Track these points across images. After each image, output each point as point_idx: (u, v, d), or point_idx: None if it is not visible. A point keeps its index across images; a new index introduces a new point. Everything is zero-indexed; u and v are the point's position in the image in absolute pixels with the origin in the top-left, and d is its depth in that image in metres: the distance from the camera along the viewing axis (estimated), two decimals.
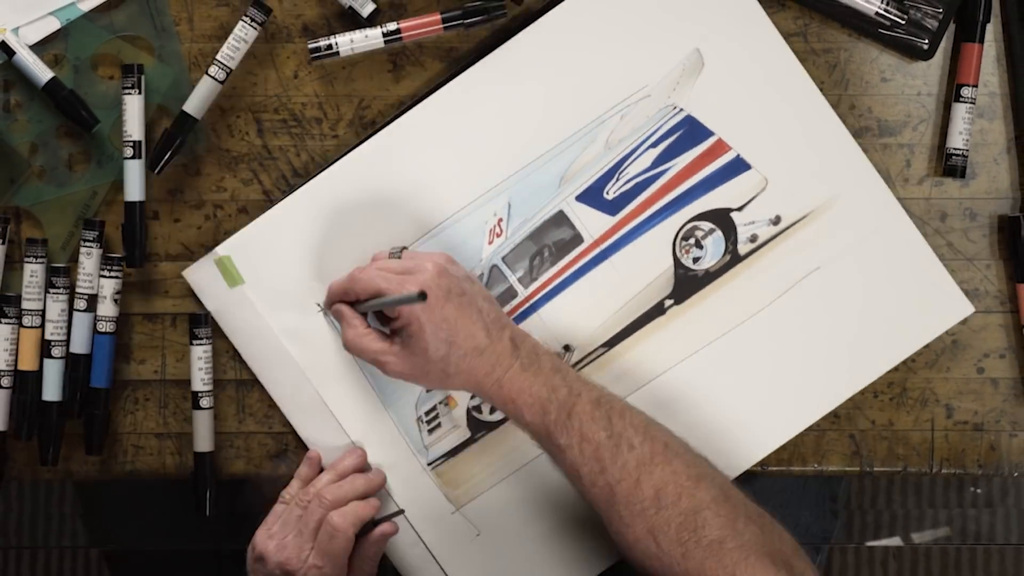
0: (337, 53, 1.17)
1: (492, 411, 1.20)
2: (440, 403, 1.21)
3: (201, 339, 1.20)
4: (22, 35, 1.17)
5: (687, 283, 1.20)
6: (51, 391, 1.19)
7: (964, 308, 1.21)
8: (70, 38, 1.18)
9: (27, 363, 1.19)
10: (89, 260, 1.18)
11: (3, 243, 1.18)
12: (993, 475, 1.22)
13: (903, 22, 1.19)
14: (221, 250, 1.19)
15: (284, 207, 1.19)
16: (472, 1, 1.18)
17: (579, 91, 1.19)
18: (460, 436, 1.21)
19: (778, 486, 1.31)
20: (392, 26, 1.17)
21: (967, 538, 1.28)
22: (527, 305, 1.20)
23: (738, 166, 1.20)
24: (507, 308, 1.20)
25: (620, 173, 1.20)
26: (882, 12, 1.19)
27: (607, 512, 1.09)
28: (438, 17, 1.17)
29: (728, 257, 1.20)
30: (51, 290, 1.18)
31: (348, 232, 1.19)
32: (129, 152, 1.18)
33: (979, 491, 1.27)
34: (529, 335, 1.14)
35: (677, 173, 1.20)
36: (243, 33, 1.15)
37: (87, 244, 1.18)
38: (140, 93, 1.17)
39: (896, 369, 1.21)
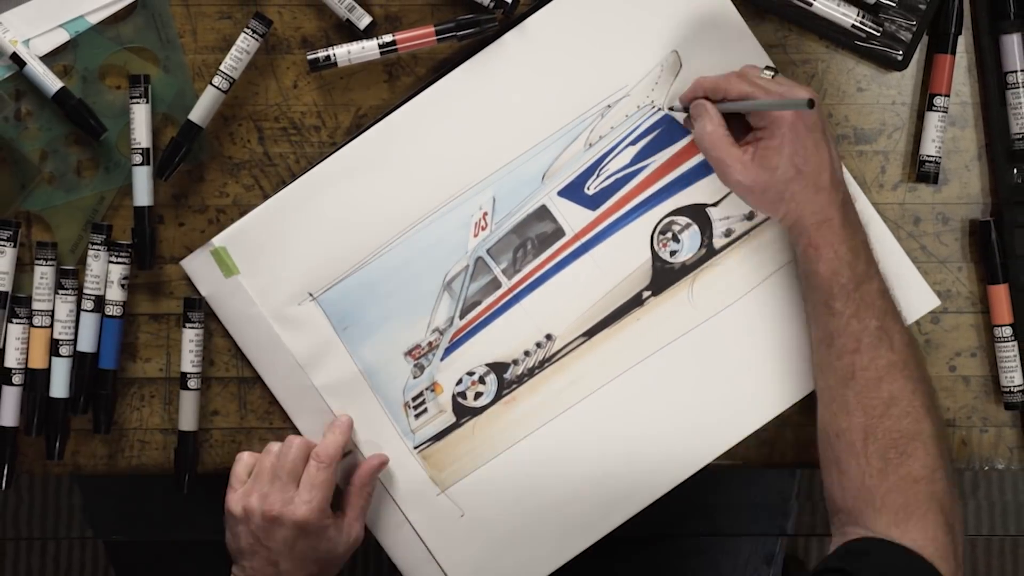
0: (335, 64, 1.17)
1: (476, 397, 1.21)
2: (427, 389, 1.21)
3: (194, 323, 1.20)
4: (33, 47, 1.18)
5: (664, 275, 1.21)
6: (59, 388, 1.19)
7: (930, 301, 1.21)
8: (79, 50, 1.19)
9: (37, 361, 1.19)
10: (97, 262, 1.18)
11: (15, 246, 1.18)
12: (965, 469, 1.24)
13: (878, 34, 1.20)
14: (217, 241, 1.19)
15: (279, 200, 1.19)
16: (464, 14, 1.19)
17: (561, 90, 1.20)
18: (445, 421, 1.22)
19: (737, 480, 1.32)
20: (388, 38, 1.17)
21: None
22: (511, 296, 1.20)
23: None
24: (491, 298, 1.20)
25: (600, 169, 1.21)
26: (858, 24, 1.19)
27: (837, 389, 1.09)
28: (432, 29, 1.17)
29: (704, 251, 1.21)
30: (60, 291, 1.18)
31: (340, 224, 1.20)
32: (138, 159, 1.18)
33: None
34: (856, 202, 1.14)
35: (655, 170, 1.20)
36: (245, 44, 1.16)
37: (95, 247, 1.18)
38: (147, 102, 1.17)
39: None
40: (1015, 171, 1.21)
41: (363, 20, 1.18)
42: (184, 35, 1.20)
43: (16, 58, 1.17)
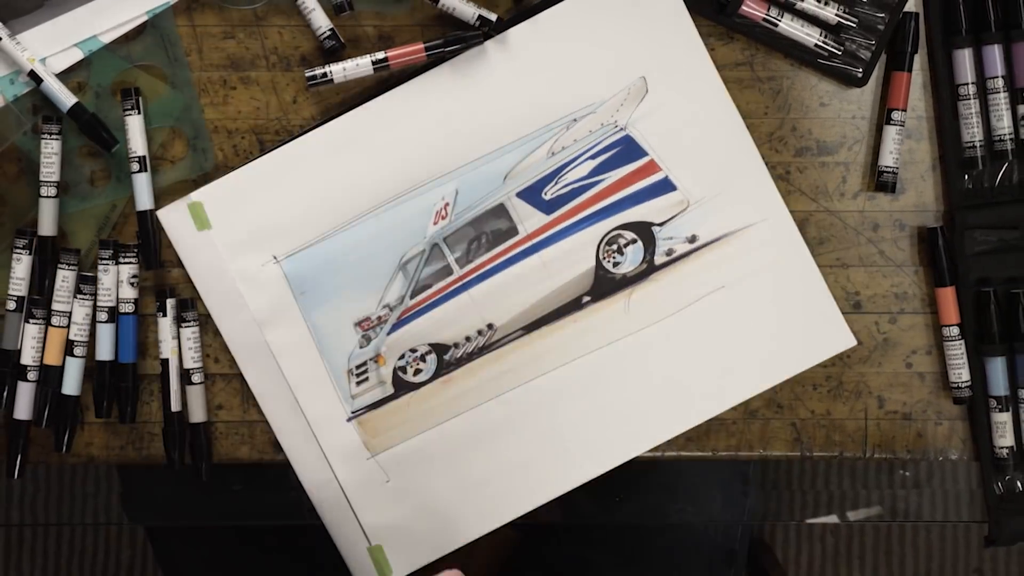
0: (331, 80, 1.18)
1: (416, 374, 1.22)
2: (371, 360, 1.22)
3: (189, 322, 1.21)
4: (49, 64, 1.19)
5: (605, 284, 1.22)
6: (71, 386, 1.21)
7: (847, 340, 1.23)
8: (92, 67, 1.19)
9: (52, 359, 1.21)
10: (107, 276, 1.20)
11: (31, 254, 1.19)
12: (920, 459, 1.24)
13: (839, 53, 1.21)
14: (195, 196, 1.20)
15: (258, 165, 1.20)
16: (452, 31, 1.20)
17: (533, 100, 1.21)
18: (384, 391, 1.23)
19: (695, 469, 1.34)
20: (380, 55, 1.18)
21: (897, 516, 1.29)
22: (460, 283, 1.22)
23: (665, 186, 1.21)
24: (442, 284, 1.22)
25: (559, 177, 1.22)
26: (820, 44, 1.20)
27: None
28: (422, 46, 1.18)
29: (645, 266, 1.22)
30: (79, 296, 1.20)
31: (311, 196, 1.21)
32: (136, 167, 1.19)
33: (907, 474, 1.27)
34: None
35: (610, 185, 1.22)
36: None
37: (103, 262, 1.20)
38: (139, 113, 1.18)
39: (833, 364, 1.23)
40: (966, 177, 1.22)
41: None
42: (191, 54, 1.21)
43: (34, 75, 1.18)
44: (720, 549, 1.28)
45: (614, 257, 1.22)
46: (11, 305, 1.20)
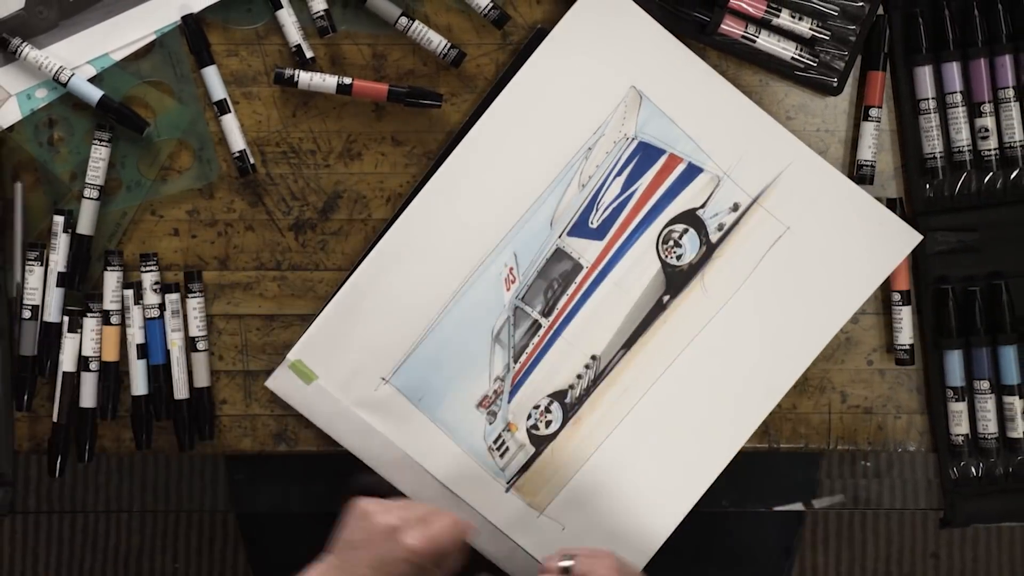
0: (296, 83, 1.20)
1: (547, 426, 1.24)
2: (504, 431, 1.24)
3: (195, 292, 1.22)
4: (70, 88, 1.20)
5: (677, 278, 1.23)
6: (139, 386, 1.23)
7: (912, 237, 1.23)
8: (104, 83, 1.20)
9: (109, 355, 1.23)
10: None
11: (42, 264, 1.21)
12: (880, 451, 1.26)
13: (815, 64, 1.23)
14: (292, 356, 1.22)
15: (334, 306, 1.22)
16: (416, 64, 1.22)
17: (547, 146, 1.22)
18: (527, 453, 1.24)
19: (763, 462, 1.31)
20: (347, 80, 1.20)
21: (859, 504, 1.27)
22: (552, 331, 1.23)
23: (692, 172, 1.23)
24: (536, 339, 1.23)
25: (598, 204, 1.23)
26: (797, 57, 1.22)
27: None
28: (386, 88, 1.20)
29: (704, 248, 1.23)
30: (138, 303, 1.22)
31: (391, 313, 1.22)
32: (95, 194, 1.21)
33: (869, 464, 1.29)
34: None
35: (644, 191, 1.23)
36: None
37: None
38: (108, 146, 1.20)
39: None
40: (927, 186, 1.24)
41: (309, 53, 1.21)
42: (196, 70, 1.22)
43: (57, 80, 1.19)
44: (777, 545, 1.29)
45: (675, 251, 1.23)
46: (27, 314, 1.22)
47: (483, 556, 1.24)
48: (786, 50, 1.22)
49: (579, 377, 1.24)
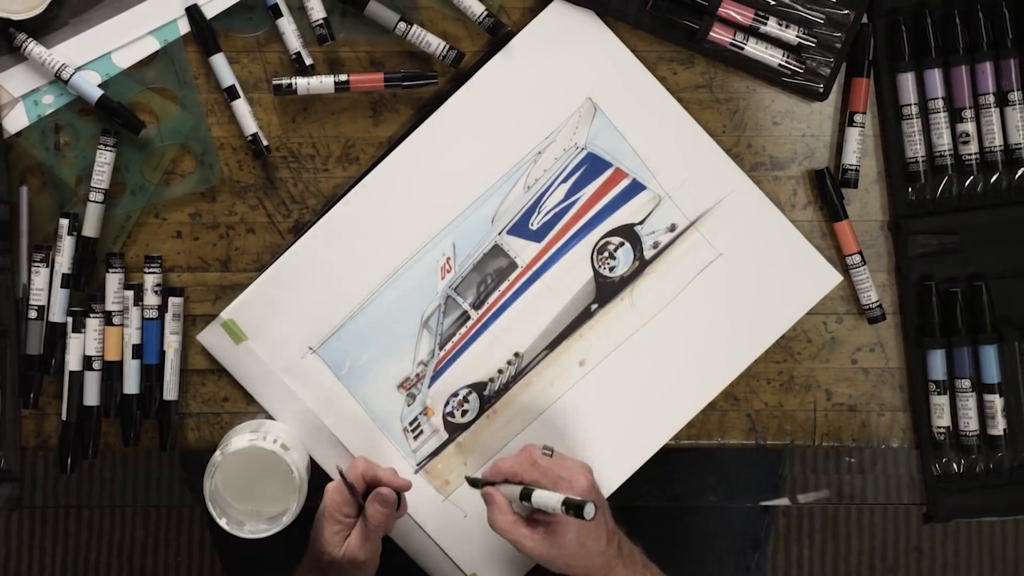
0: (295, 91, 1.20)
1: (463, 415, 1.25)
2: (420, 414, 1.25)
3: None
4: (71, 86, 1.20)
5: (606, 288, 1.24)
6: (131, 385, 1.24)
7: (833, 278, 1.24)
8: (109, 89, 1.21)
9: (111, 355, 1.23)
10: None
11: (47, 266, 1.22)
12: (864, 447, 1.27)
13: (802, 71, 1.23)
14: (225, 314, 1.23)
15: (272, 272, 1.23)
16: (413, 68, 1.23)
17: (499, 145, 1.23)
18: (440, 438, 1.25)
19: (731, 459, 1.33)
20: (343, 77, 1.20)
21: (843, 499, 1.31)
22: (480, 324, 1.24)
23: (635, 188, 1.24)
24: (464, 329, 1.24)
25: (540, 207, 1.24)
26: (783, 64, 1.23)
27: None
28: (381, 76, 1.21)
29: (637, 263, 1.24)
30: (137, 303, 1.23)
31: (327, 286, 1.23)
32: (100, 198, 1.21)
33: (853, 460, 1.30)
34: (624, 537, 1.18)
35: (586, 200, 1.24)
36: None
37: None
38: (113, 151, 1.20)
39: (785, 360, 1.25)
40: (909, 189, 1.25)
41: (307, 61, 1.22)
42: (199, 77, 1.23)
43: (59, 77, 1.19)
44: (747, 536, 1.30)
45: (608, 263, 1.24)
46: (32, 314, 1.22)
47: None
48: (773, 57, 1.23)
49: (500, 372, 1.25)
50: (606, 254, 1.24)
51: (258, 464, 1.20)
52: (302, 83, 1.21)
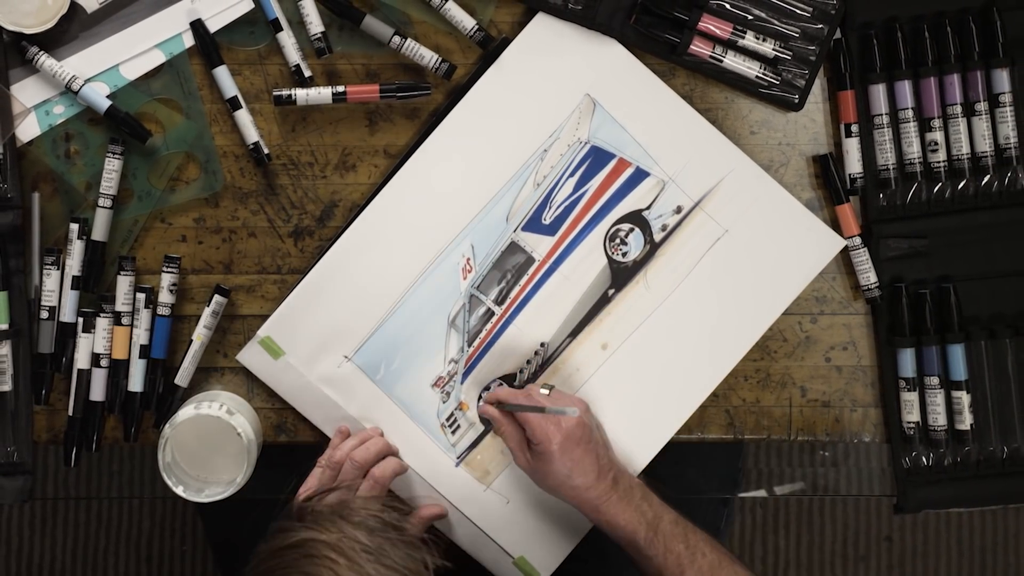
0: (295, 102, 1.21)
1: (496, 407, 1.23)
2: (456, 410, 1.25)
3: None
4: (81, 97, 1.21)
5: (622, 273, 1.25)
6: (136, 383, 1.24)
7: (836, 243, 1.25)
8: (117, 100, 1.21)
9: (118, 353, 1.24)
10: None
11: (59, 268, 1.22)
12: (838, 441, 1.28)
13: (778, 82, 1.24)
14: (261, 332, 1.23)
15: (302, 288, 1.23)
16: (407, 79, 1.23)
17: (506, 147, 1.23)
18: (477, 431, 1.26)
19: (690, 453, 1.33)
20: (340, 88, 1.21)
21: (817, 490, 1.33)
22: (504, 319, 1.25)
23: (639, 176, 1.25)
24: (489, 325, 1.24)
25: (551, 202, 1.24)
26: (761, 76, 1.23)
27: None
28: (377, 87, 1.21)
29: (648, 247, 1.25)
30: (149, 305, 1.23)
31: (355, 297, 1.24)
32: (108, 203, 1.22)
33: (827, 454, 1.31)
34: (627, 473, 1.18)
35: (594, 191, 1.25)
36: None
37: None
38: (121, 159, 1.21)
39: (761, 358, 1.26)
40: (881, 195, 1.25)
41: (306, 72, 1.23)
42: (202, 88, 1.23)
43: (69, 88, 1.20)
44: (707, 527, 1.32)
45: (620, 249, 1.25)
46: (44, 314, 1.23)
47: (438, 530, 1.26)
48: (751, 69, 1.24)
49: (528, 362, 1.26)
50: (618, 241, 1.25)
51: (208, 432, 1.21)
52: (301, 94, 1.22)
